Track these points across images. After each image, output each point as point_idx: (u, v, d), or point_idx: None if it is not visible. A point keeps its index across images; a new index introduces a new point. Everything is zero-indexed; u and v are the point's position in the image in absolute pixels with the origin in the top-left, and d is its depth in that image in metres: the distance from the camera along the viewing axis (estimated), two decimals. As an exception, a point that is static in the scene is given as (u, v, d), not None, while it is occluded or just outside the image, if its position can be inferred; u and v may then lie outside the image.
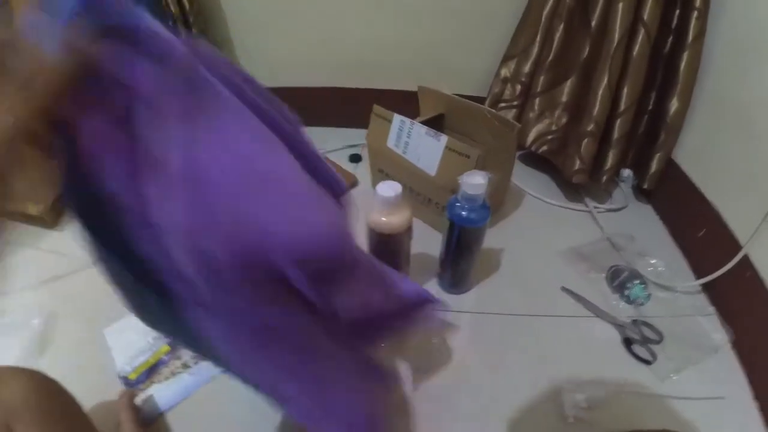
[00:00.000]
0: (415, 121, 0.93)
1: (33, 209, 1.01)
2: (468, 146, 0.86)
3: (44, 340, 0.83)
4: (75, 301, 0.89)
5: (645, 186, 1.09)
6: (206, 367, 0.77)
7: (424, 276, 0.93)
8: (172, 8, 1.14)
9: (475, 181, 0.72)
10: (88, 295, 0.88)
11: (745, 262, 0.80)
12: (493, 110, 0.93)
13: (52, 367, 0.66)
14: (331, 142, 1.35)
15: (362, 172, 1.22)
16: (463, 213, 0.75)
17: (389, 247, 0.78)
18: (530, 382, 0.75)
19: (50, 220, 1.05)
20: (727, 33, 0.91)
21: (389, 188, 0.72)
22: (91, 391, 0.67)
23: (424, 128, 0.91)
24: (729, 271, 0.82)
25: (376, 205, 0.73)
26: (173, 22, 1.16)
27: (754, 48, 0.83)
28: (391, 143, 0.98)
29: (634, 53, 0.96)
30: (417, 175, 0.95)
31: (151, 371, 0.78)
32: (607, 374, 0.76)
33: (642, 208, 1.14)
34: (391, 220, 0.73)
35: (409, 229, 0.76)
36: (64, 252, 0.99)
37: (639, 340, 0.81)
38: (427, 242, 0.93)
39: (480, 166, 0.83)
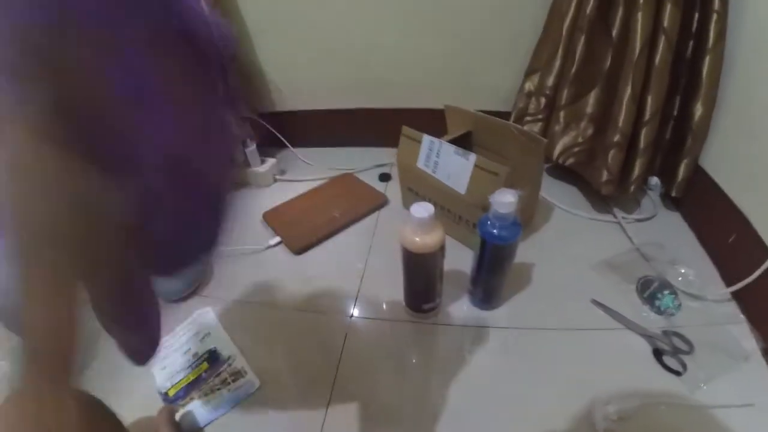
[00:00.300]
0: (443, 141, 0.95)
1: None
2: (497, 164, 0.88)
3: (86, 357, 0.85)
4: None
5: (673, 194, 1.09)
6: (245, 384, 0.80)
7: (455, 292, 0.95)
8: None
9: (506, 200, 0.74)
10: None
11: None
12: (520, 126, 0.95)
13: (93, 383, 0.70)
14: (360, 162, 1.38)
15: (392, 191, 1.25)
16: (495, 231, 0.77)
17: (423, 265, 0.80)
18: (560, 395, 0.76)
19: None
20: (749, 34, 0.91)
21: (422, 209, 0.74)
22: (131, 407, 0.70)
23: (453, 147, 0.93)
24: (759, 277, 0.82)
25: (409, 226, 0.75)
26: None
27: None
28: (420, 163, 1.00)
29: (656, 61, 0.96)
30: (447, 194, 0.97)
31: (190, 387, 0.80)
32: (637, 386, 0.77)
33: (671, 216, 1.14)
34: (424, 240, 0.75)
35: (442, 248, 0.78)
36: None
37: (669, 351, 0.81)
38: (459, 259, 0.95)
39: (509, 183, 0.85)
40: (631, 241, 1.05)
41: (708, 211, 1.03)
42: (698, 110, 1.00)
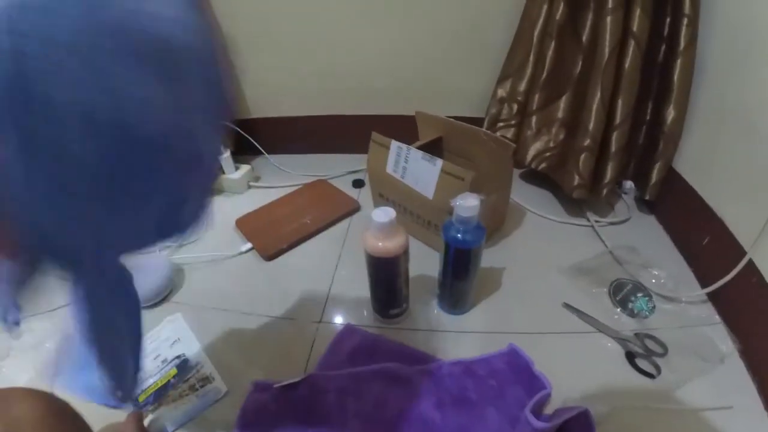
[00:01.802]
0: (411, 147, 0.94)
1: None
2: (462, 169, 0.86)
3: (59, 364, 0.83)
4: (90, 327, 0.91)
5: (647, 197, 1.08)
6: (212, 390, 0.79)
7: (424, 297, 0.93)
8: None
9: (468, 204, 0.73)
10: (102, 322, 0.90)
11: (751, 267, 0.78)
12: (489, 132, 0.94)
13: (64, 389, 0.67)
14: (334, 169, 1.37)
15: (365, 196, 1.24)
16: (458, 235, 0.76)
17: (387, 270, 0.78)
18: (532, 400, 0.74)
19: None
20: (721, 37, 0.90)
21: (383, 214, 0.72)
22: (100, 412, 0.66)
23: (420, 153, 0.92)
24: (734, 278, 0.80)
25: (371, 231, 0.74)
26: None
27: (749, 51, 0.82)
28: (389, 169, 0.99)
29: (626, 65, 0.96)
30: (416, 198, 0.95)
31: (159, 393, 0.78)
32: (610, 390, 0.75)
33: (645, 220, 1.12)
34: (386, 245, 0.73)
35: (405, 252, 0.76)
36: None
37: (642, 354, 0.79)
38: (428, 264, 0.93)
39: (475, 187, 0.83)
40: (604, 244, 1.04)
41: (682, 214, 1.02)
42: (670, 114, 0.99)
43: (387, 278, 0.80)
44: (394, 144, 0.96)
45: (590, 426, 0.61)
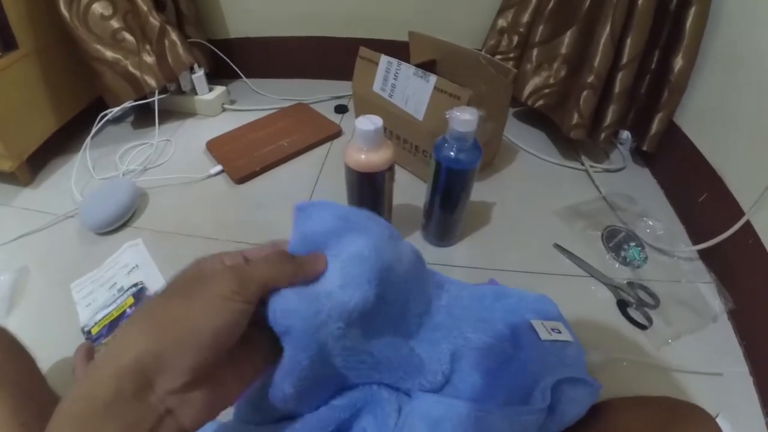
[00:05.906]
0: (403, 62, 0.82)
1: (5, 166, 0.92)
2: (459, 86, 0.75)
3: (13, 297, 0.75)
4: (45, 257, 0.82)
5: (644, 148, 0.99)
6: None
7: (408, 228, 0.83)
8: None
9: (465, 117, 0.62)
10: (59, 251, 0.82)
11: (748, 228, 0.71)
12: (488, 56, 0.82)
13: (20, 322, 0.69)
14: (316, 94, 1.25)
15: (348, 122, 1.13)
16: (452, 153, 0.65)
17: (370, 188, 0.68)
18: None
19: (22, 177, 0.97)
20: None
21: (369, 122, 0.61)
22: (56, 346, 0.62)
23: (413, 68, 0.80)
24: (730, 237, 0.73)
25: (355, 142, 0.63)
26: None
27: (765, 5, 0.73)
28: (377, 87, 0.87)
29: (639, 3, 0.85)
30: (404, 122, 0.85)
31: (113, 325, 0.69)
32: (600, 337, 0.68)
33: (639, 171, 1.03)
34: (370, 158, 0.63)
35: (391, 169, 0.66)
36: (35, 209, 0.91)
37: (634, 303, 0.72)
38: (414, 193, 0.84)
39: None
40: (598, 190, 0.95)
41: (679, 169, 0.94)
42: (678, 63, 0.89)
43: (368, 197, 0.69)
44: (384, 58, 0.84)
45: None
